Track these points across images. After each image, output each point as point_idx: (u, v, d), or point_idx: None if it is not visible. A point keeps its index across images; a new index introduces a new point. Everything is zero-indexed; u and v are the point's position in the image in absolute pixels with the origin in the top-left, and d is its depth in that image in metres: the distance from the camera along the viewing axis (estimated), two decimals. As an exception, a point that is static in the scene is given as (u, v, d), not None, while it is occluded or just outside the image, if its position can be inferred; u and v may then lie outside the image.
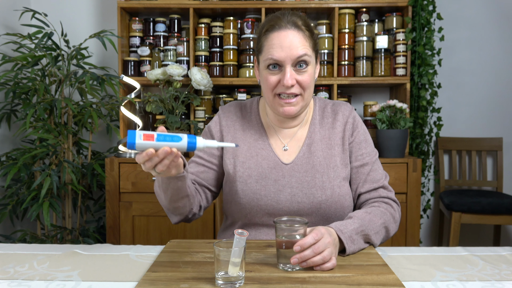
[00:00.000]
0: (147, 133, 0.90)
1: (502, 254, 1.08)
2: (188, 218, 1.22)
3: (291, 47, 1.11)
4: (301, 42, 1.12)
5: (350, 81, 2.48)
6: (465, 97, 2.85)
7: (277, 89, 1.15)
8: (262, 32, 1.17)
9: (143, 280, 0.88)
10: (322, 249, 0.92)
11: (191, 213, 1.20)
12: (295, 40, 1.12)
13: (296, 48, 1.11)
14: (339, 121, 1.25)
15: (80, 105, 2.28)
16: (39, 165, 2.29)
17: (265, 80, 1.16)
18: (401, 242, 2.27)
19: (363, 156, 1.23)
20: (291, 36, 1.12)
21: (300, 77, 1.14)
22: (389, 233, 1.16)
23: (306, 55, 1.12)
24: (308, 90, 1.16)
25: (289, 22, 1.13)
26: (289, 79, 1.12)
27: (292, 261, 0.91)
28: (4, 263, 1.03)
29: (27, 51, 2.33)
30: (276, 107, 1.18)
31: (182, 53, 2.53)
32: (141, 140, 0.89)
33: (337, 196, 1.17)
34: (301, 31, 1.13)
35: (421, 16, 2.44)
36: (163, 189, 1.09)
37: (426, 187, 2.77)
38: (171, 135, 0.92)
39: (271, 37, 1.14)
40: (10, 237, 2.27)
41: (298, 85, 1.14)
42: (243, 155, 1.23)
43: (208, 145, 0.94)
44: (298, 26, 1.13)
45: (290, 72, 1.12)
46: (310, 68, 1.15)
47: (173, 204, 1.13)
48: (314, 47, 1.17)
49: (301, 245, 0.91)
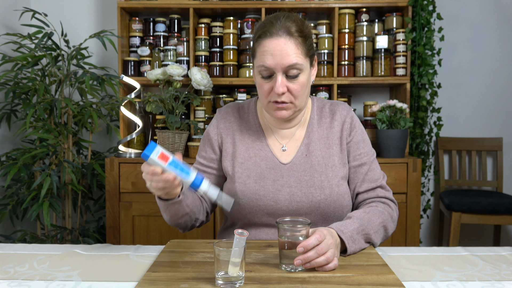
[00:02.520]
0: (164, 153, 0.93)
1: (502, 254, 1.08)
2: (196, 226, 1.27)
3: (281, 55, 1.10)
4: (293, 50, 1.11)
5: (350, 81, 2.48)
6: (465, 97, 2.85)
7: (270, 96, 1.15)
8: (255, 38, 1.17)
9: (143, 280, 0.88)
10: (325, 250, 0.93)
11: (198, 222, 1.25)
12: (286, 48, 1.10)
13: (287, 56, 1.10)
14: (337, 120, 1.25)
15: (80, 105, 2.28)
16: (39, 165, 2.29)
17: (259, 86, 1.18)
18: (401, 242, 2.27)
19: (361, 156, 1.24)
20: (282, 44, 1.10)
21: (292, 85, 1.13)
22: (388, 232, 1.17)
23: (297, 64, 1.11)
24: (300, 98, 1.16)
25: (281, 28, 1.11)
26: (280, 86, 1.11)
27: (296, 263, 0.91)
28: (4, 263, 1.03)
29: (27, 51, 2.33)
30: (270, 112, 1.20)
31: (182, 53, 2.53)
32: (155, 157, 0.92)
33: (335, 195, 1.18)
34: (293, 38, 1.11)
35: (421, 16, 2.44)
36: (162, 210, 1.15)
37: (426, 187, 2.77)
38: (182, 167, 0.95)
39: (263, 43, 1.13)
40: (10, 237, 2.27)
41: (289, 93, 1.14)
42: (242, 156, 1.24)
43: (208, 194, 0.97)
44: (291, 33, 1.11)
45: (281, 80, 1.12)
46: (302, 76, 1.14)
47: (175, 221, 1.18)
48: (308, 52, 1.15)
49: (304, 246, 0.91)
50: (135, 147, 2.46)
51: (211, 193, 0.97)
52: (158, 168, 0.93)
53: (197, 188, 0.96)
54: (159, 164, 0.93)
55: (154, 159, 0.92)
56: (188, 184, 0.95)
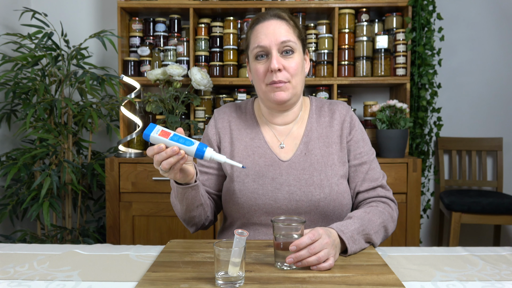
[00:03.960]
0: (165, 130, 0.96)
1: (502, 254, 1.08)
2: (205, 226, 1.26)
3: (275, 33, 1.16)
4: (285, 29, 1.17)
5: (350, 81, 2.48)
6: (465, 97, 2.85)
7: (267, 78, 1.18)
8: (248, 29, 1.23)
9: (143, 280, 0.88)
10: (318, 249, 0.93)
11: (208, 221, 1.25)
12: (279, 27, 1.17)
13: (280, 34, 1.16)
14: (336, 119, 1.26)
15: (80, 105, 2.28)
16: (39, 165, 2.29)
17: (255, 72, 1.20)
18: (401, 242, 2.27)
19: (362, 155, 1.24)
20: (275, 24, 1.17)
21: (287, 63, 1.16)
22: (388, 232, 1.17)
23: (290, 41, 1.16)
24: (296, 77, 1.18)
25: (273, 15, 1.19)
26: (276, 62, 1.14)
27: (287, 261, 0.92)
28: (4, 263, 1.03)
29: (27, 51, 2.33)
30: (268, 95, 1.20)
31: (182, 53, 2.53)
32: (156, 135, 0.95)
33: (335, 194, 1.18)
34: (284, 21, 1.18)
35: (421, 16, 2.44)
36: (179, 200, 1.14)
37: (426, 187, 2.77)
38: (185, 138, 0.96)
39: (256, 28, 1.19)
40: (10, 237, 2.27)
41: (286, 72, 1.17)
42: (240, 154, 1.24)
43: (215, 158, 0.98)
44: (282, 16, 1.19)
45: (276, 57, 1.15)
46: (297, 56, 1.18)
47: (189, 214, 1.17)
48: (300, 36, 1.21)
49: (296, 245, 0.92)
50: (135, 147, 2.46)
51: (217, 157, 0.98)
52: (162, 144, 0.95)
53: (202, 155, 0.97)
54: (161, 141, 0.95)
55: (156, 137, 0.95)
56: (192, 153, 0.97)
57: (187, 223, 1.22)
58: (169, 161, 0.96)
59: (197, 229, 1.25)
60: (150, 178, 2.24)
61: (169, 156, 0.95)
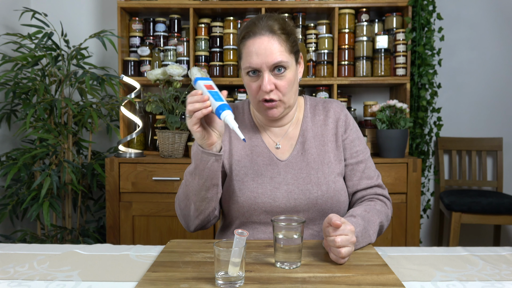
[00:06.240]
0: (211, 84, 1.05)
1: (502, 254, 1.08)
2: (210, 221, 1.21)
3: (266, 54, 1.13)
4: (277, 48, 1.13)
5: (350, 81, 2.48)
6: (465, 97, 2.85)
7: (259, 95, 1.17)
8: (239, 40, 1.19)
9: (143, 280, 0.88)
10: (343, 245, 0.95)
11: (213, 216, 1.20)
12: (270, 46, 1.13)
13: (271, 54, 1.13)
14: (331, 118, 1.27)
15: (80, 105, 2.28)
16: (39, 165, 2.29)
17: (247, 86, 1.19)
18: (401, 242, 2.27)
19: (358, 154, 1.26)
20: (266, 42, 1.13)
21: (279, 82, 1.15)
22: (382, 231, 1.21)
23: (282, 61, 1.13)
24: (288, 95, 1.18)
25: (264, 27, 1.14)
26: (267, 84, 1.13)
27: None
28: (4, 263, 1.03)
29: (27, 51, 2.33)
30: (260, 111, 1.21)
31: (182, 53, 2.53)
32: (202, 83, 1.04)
33: (332, 192, 1.19)
34: (276, 36, 1.14)
35: (421, 16, 2.44)
36: (198, 172, 1.09)
37: (426, 187, 2.77)
38: (220, 95, 1.03)
39: (247, 44, 1.15)
40: (10, 237, 2.27)
41: (277, 90, 1.16)
42: (238, 153, 1.25)
43: (227, 120, 0.99)
44: (274, 31, 1.14)
45: (268, 78, 1.14)
46: (289, 73, 1.16)
47: (204, 193, 1.13)
48: (292, 49, 1.18)
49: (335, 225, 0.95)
50: (135, 147, 2.46)
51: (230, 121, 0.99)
52: (200, 91, 1.02)
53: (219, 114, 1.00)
54: (202, 89, 1.03)
55: (200, 84, 1.04)
56: (215, 107, 1.00)
57: (198, 206, 1.15)
58: (194, 105, 1.00)
59: (201, 223, 1.19)
60: (150, 178, 2.24)
61: (196, 101, 0.99)
